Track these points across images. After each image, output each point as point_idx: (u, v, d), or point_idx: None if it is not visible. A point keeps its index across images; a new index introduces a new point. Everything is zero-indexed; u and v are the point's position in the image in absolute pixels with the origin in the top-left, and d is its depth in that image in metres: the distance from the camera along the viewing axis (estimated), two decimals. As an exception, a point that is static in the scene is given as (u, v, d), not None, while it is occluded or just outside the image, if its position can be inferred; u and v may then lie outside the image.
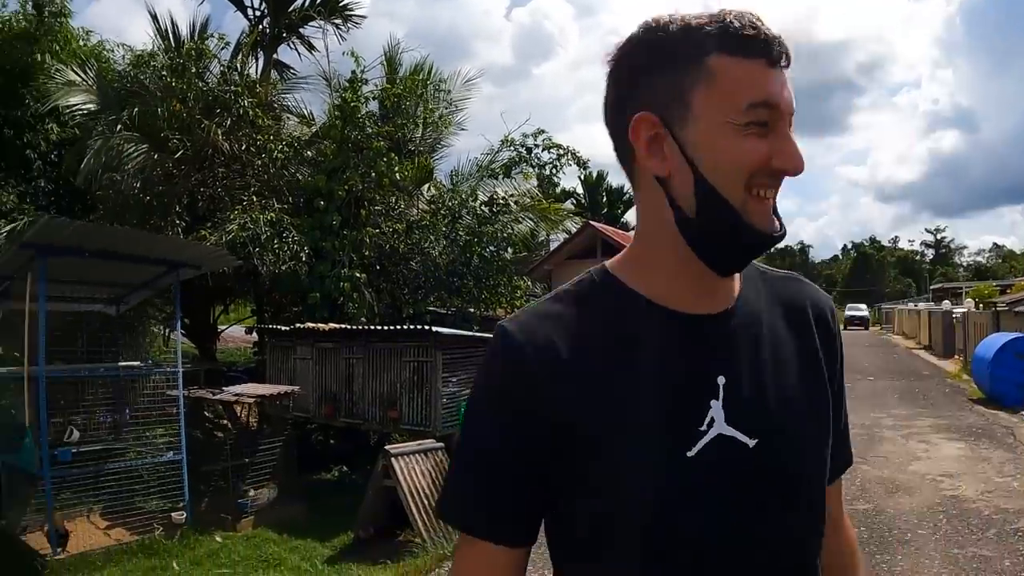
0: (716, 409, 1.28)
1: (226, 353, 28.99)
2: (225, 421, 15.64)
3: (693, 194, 1.25)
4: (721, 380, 1.30)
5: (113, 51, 21.98)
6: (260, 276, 15.40)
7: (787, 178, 1.27)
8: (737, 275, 1.38)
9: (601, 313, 1.34)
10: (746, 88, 1.21)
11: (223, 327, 20.53)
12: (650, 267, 1.35)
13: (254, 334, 19.91)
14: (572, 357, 1.29)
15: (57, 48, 19.75)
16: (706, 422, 1.28)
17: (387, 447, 10.30)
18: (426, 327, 12.66)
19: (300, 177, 16.53)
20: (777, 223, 1.28)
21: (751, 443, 1.29)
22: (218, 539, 11.19)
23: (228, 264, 12.51)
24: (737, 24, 1.21)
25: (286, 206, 15.83)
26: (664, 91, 1.25)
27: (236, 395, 12.36)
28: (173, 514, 11.26)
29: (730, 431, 1.28)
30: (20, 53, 19.07)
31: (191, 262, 11.51)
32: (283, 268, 14.59)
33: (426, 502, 9.83)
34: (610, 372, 1.29)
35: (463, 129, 21.27)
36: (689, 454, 1.26)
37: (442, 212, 17.68)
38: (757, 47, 1.21)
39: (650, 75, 1.27)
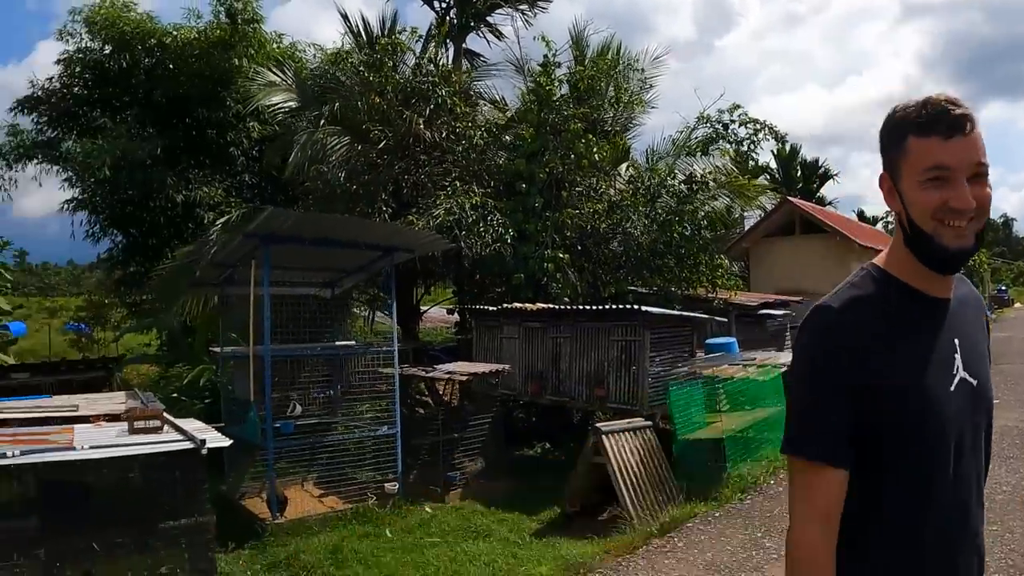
0: (958, 361, 2.10)
1: (425, 333, 30.40)
2: (427, 398, 16.62)
3: (908, 224, 2.04)
4: (956, 341, 2.12)
5: (305, 51, 23.64)
6: (464, 258, 16.07)
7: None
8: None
9: (884, 296, 2.10)
10: (925, 158, 1.96)
11: (425, 308, 21.54)
12: (904, 264, 2.11)
13: (456, 315, 20.82)
14: (877, 330, 2.05)
15: (252, 52, 21.28)
16: (955, 368, 2.09)
17: (598, 424, 10.56)
18: (635, 307, 12.87)
19: (499, 162, 17.02)
20: (970, 240, 1.98)
21: (974, 383, 2.13)
22: (428, 509, 11.80)
23: (440, 248, 13.11)
24: (924, 112, 1.96)
25: (488, 190, 16.29)
26: (889, 160, 2.08)
27: (448, 372, 13.10)
28: (385, 484, 11.98)
29: (965, 375, 2.10)
30: (218, 59, 20.71)
31: (404, 246, 12.18)
32: (488, 250, 15.19)
33: (634, 479, 10.03)
34: (903, 337, 2.06)
35: (653, 107, 21.24)
36: (951, 389, 2.07)
37: (641, 191, 17.76)
38: (936, 127, 1.94)
39: (885, 150, 2.09)
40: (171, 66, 20.71)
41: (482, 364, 14.04)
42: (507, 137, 17.68)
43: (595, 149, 16.55)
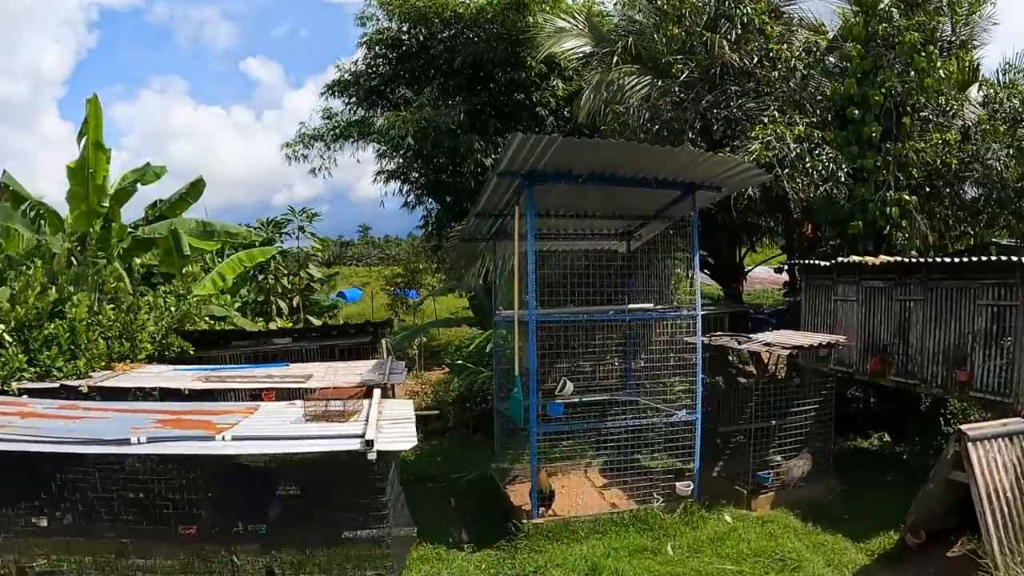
0: None
1: (753, 295, 28.17)
2: (750, 369, 14.74)
3: None
4: None
5: (602, 3, 22.75)
6: (790, 206, 13.99)
7: None
8: None
9: None
10: None
11: (750, 267, 19.56)
12: None
13: (783, 274, 18.66)
14: None
15: (547, 8, 20.56)
16: None
17: (964, 428, 7.67)
18: (1013, 259, 9.64)
19: (824, 89, 14.41)
20: None
21: None
22: (727, 518, 9.92)
23: (755, 181, 10.94)
24: None
25: (813, 120, 13.83)
26: None
27: (766, 344, 11.23)
28: (678, 484, 10.19)
29: None
30: (513, 20, 20.48)
31: (708, 182, 10.14)
32: (817, 192, 12.93)
33: (1007, 508, 7.31)
34: None
35: (995, 23, 16.97)
36: None
37: (999, 116, 14.28)
38: None
39: None
40: (468, 34, 21.19)
41: (810, 334, 11.76)
42: (830, 59, 14.88)
43: (939, 64, 13.40)
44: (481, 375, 15.11)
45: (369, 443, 6.32)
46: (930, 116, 14.00)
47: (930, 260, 10.98)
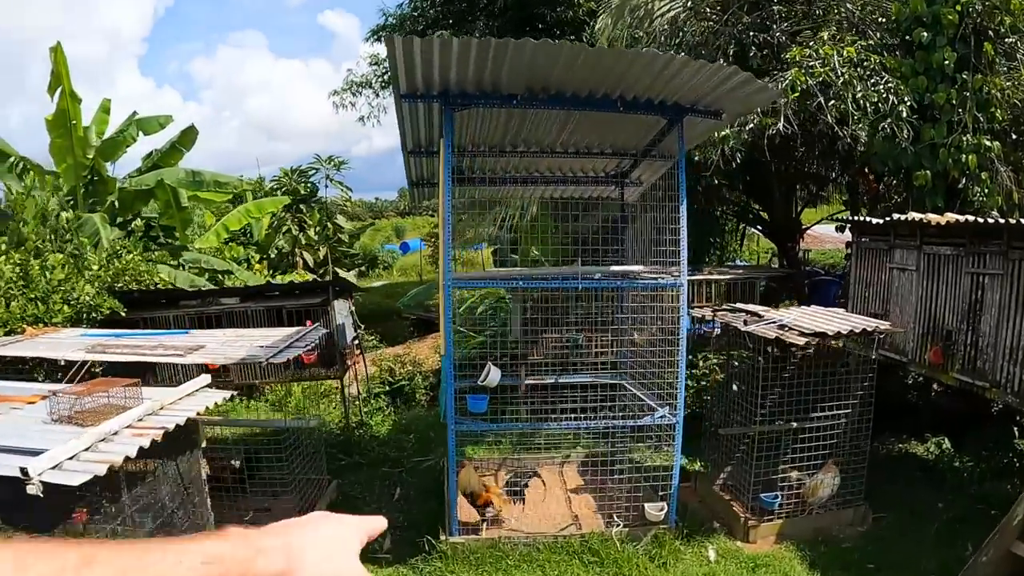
0: None
1: (826, 255, 24.44)
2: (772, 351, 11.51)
3: None
4: None
5: None
6: (853, 154, 10.69)
7: None
8: None
9: None
10: None
11: (809, 224, 16.04)
12: None
13: (846, 232, 15.08)
14: None
15: None
16: None
17: None
18: None
19: (887, 6, 10.73)
20: None
21: None
22: (711, 555, 6.98)
23: (760, 100, 7.60)
24: None
25: (872, 43, 10.27)
26: None
27: (780, 327, 8.09)
28: (647, 506, 7.23)
29: None
30: None
31: (699, 103, 6.96)
32: (879, 134, 9.57)
33: None
34: None
35: None
36: None
37: None
38: None
39: None
40: (513, -28, 18.46)
41: (845, 315, 8.41)
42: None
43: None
44: (472, 340, 12.44)
45: (24, 472, 3.84)
46: (1018, 44, 10.31)
47: (1013, 222, 7.49)
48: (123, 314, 10.11)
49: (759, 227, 15.20)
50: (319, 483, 8.85)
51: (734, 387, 8.93)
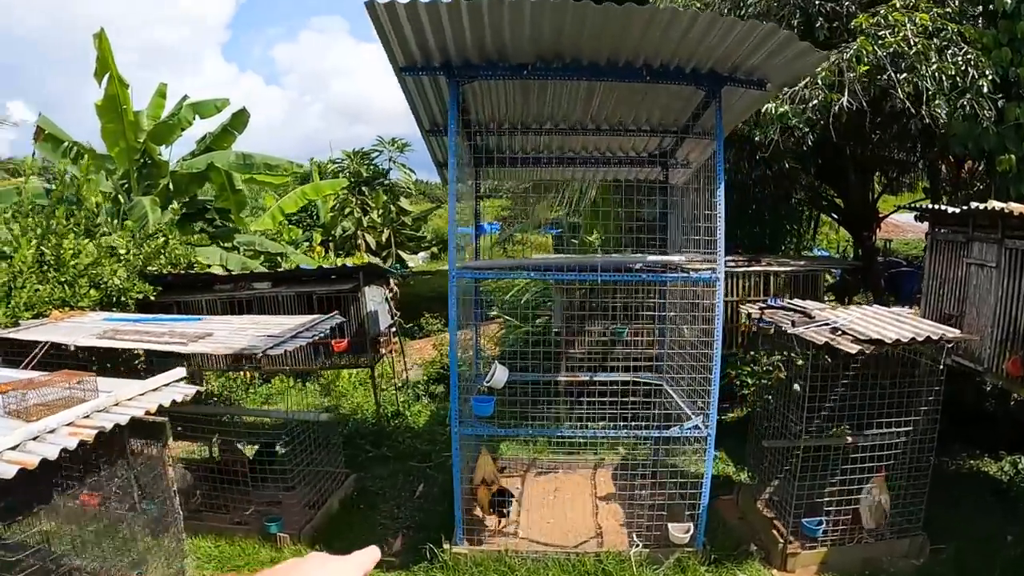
0: None
1: (909, 245, 22.56)
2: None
3: None
4: None
5: None
6: (932, 136, 9.37)
7: None
8: None
9: None
10: None
11: (887, 212, 14.50)
12: None
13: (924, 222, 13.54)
14: None
15: None
16: None
17: None
18: None
19: None
20: None
21: None
22: None
23: (808, 64, 6.08)
24: None
25: (948, 10, 8.67)
26: None
27: (833, 330, 6.93)
28: (671, 527, 6.29)
29: None
30: None
31: (739, 71, 5.92)
32: (957, 112, 8.28)
33: None
34: None
35: None
36: None
37: None
38: None
39: None
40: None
41: (911, 318, 7.14)
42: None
43: None
44: (519, 330, 11.64)
45: None
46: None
47: None
48: (152, 298, 9.74)
49: (833, 215, 13.81)
50: (336, 476, 8.24)
51: (796, 387, 7.89)
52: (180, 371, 5.61)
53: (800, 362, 6.81)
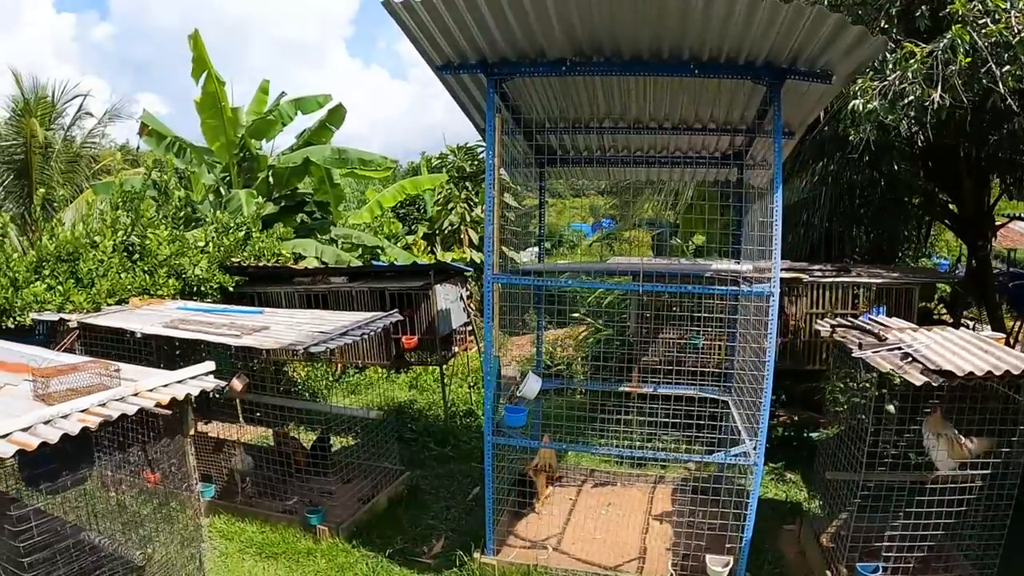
0: None
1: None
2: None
3: None
4: None
5: None
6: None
7: None
8: None
9: None
10: None
11: (1004, 222, 13.11)
12: None
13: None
14: None
15: None
16: None
17: None
18: None
19: None
20: None
21: None
22: None
23: (869, 55, 5.58)
24: None
25: None
26: None
27: (905, 355, 6.07)
28: (709, 559, 5.90)
29: None
30: None
31: (801, 63, 5.41)
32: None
33: None
34: None
35: None
36: None
37: None
38: None
39: None
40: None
41: (995, 347, 6.35)
42: None
43: None
44: (601, 333, 11.28)
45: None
46: None
47: None
48: (231, 288, 10.05)
49: (946, 221, 12.68)
50: (389, 473, 8.21)
51: (891, 408, 7.20)
52: (210, 364, 5.64)
53: (898, 382, 6.17)
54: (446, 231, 18.77)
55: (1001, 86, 7.06)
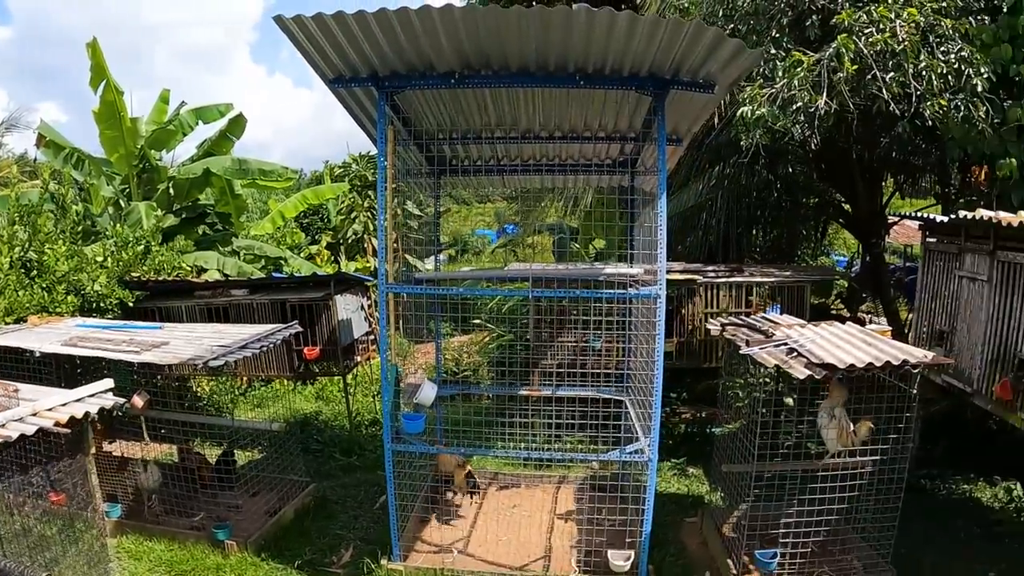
0: None
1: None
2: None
3: None
4: None
5: None
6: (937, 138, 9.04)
7: None
8: None
9: None
10: None
11: (894, 221, 14.00)
12: None
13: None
14: None
15: None
16: None
17: None
18: None
19: None
20: None
21: None
22: None
23: (747, 65, 5.88)
24: None
25: (944, 4, 8.19)
26: None
27: (790, 352, 6.19)
28: (611, 554, 6.17)
29: None
30: None
31: (676, 71, 5.67)
32: (949, 110, 7.90)
33: None
34: None
35: None
36: None
37: None
38: None
39: None
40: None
41: (877, 340, 6.60)
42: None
43: None
44: (503, 339, 11.56)
45: None
46: None
47: None
48: (131, 304, 9.96)
49: (841, 221, 13.48)
50: (295, 485, 8.29)
51: (789, 400, 7.66)
52: (108, 382, 5.66)
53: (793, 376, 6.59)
54: (350, 240, 18.80)
55: (886, 92, 7.62)
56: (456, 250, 26.64)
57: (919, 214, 9.33)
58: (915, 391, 6.35)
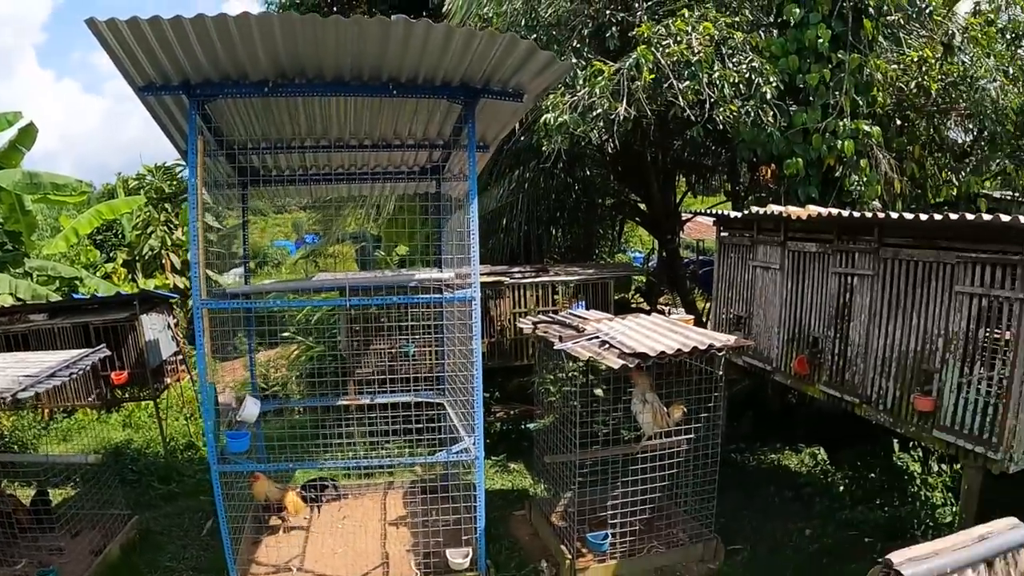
0: None
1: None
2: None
3: None
4: None
5: None
6: (729, 140, 9.93)
7: None
8: None
9: None
10: None
11: (692, 214, 15.29)
12: None
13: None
14: None
15: None
16: None
17: (893, 557, 2.98)
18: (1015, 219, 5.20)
19: None
20: None
21: None
22: None
23: (557, 76, 6.24)
24: None
25: (736, 20, 9.21)
26: None
27: (602, 343, 6.66)
28: (449, 552, 6.42)
29: None
30: None
31: (487, 82, 5.92)
32: (741, 116, 8.76)
33: None
34: None
35: None
36: None
37: (996, 29, 9.94)
38: None
39: None
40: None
41: (682, 328, 7.31)
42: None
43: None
44: (313, 350, 11.54)
45: None
46: (901, 22, 9.68)
47: (883, 216, 6.51)
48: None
49: (637, 219, 14.50)
50: (116, 519, 7.91)
51: (599, 391, 8.15)
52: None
53: (603, 368, 7.03)
54: (147, 256, 17.83)
55: (681, 99, 8.32)
56: (255, 263, 25.87)
57: (713, 211, 10.26)
58: (720, 372, 7.03)
